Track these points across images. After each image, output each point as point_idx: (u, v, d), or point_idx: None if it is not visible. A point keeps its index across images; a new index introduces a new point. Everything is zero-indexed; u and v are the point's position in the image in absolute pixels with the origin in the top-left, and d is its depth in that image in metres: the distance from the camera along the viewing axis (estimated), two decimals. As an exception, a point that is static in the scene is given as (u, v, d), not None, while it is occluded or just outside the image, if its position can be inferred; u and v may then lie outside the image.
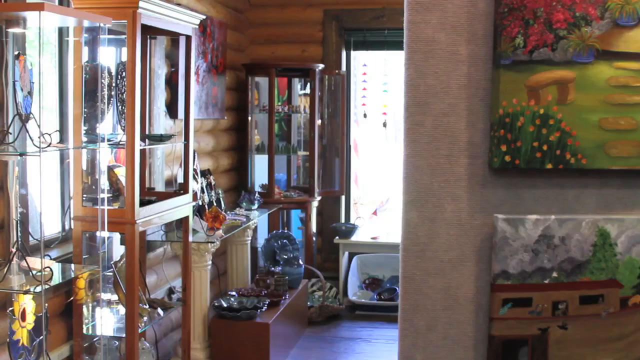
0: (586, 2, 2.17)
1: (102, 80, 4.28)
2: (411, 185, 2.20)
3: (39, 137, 3.31)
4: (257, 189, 7.10)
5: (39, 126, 3.33)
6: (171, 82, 5.63)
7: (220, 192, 6.17)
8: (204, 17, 5.08)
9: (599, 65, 2.19)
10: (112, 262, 4.45)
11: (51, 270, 3.42)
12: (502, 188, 2.22)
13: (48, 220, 4.41)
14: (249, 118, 7.10)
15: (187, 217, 4.90)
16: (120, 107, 4.30)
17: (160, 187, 5.44)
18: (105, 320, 4.41)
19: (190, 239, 4.94)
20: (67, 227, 4.44)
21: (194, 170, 5.41)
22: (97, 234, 4.05)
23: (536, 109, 2.17)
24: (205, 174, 6.05)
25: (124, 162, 4.16)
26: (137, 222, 4.13)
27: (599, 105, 2.20)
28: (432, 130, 2.19)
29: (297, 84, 7.65)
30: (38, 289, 3.30)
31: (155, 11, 4.23)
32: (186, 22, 4.71)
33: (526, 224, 2.19)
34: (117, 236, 4.71)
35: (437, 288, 2.23)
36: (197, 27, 4.83)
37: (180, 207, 4.78)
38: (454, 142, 2.20)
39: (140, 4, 4.03)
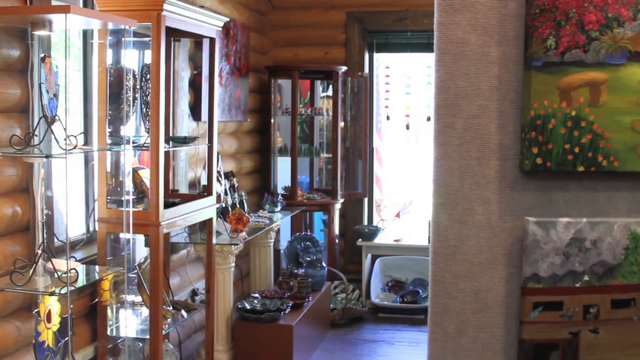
0: (618, 3, 2.15)
1: (127, 83, 4.29)
2: (441, 188, 2.18)
3: (65, 139, 3.32)
4: (280, 191, 7.10)
5: (64, 128, 3.33)
6: (194, 85, 5.63)
7: (243, 194, 6.17)
8: (228, 19, 5.07)
9: (632, 66, 2.17)
10: (136, 264, 4.45)
11: (76, 271, 3.43)
12: (532, 191, 2.20)
13: (73, 222, 4.43)
14: (272, 120, 7.09)
15: (210, 219, 4.90)
16: (144, 109, 4.30)
17: (183, 189, 5.44)
18: (129, 322, 4.42)
19: (214, 241, 4.94)
20: (91, 228, 4.45)
21: (218, 172, 5.41)
22: (122, 235, 4.06)
23: (568, 111, 2.15)
24: (228, 176, 6.05)
25: (148, 164, 4.17)
26: (162, 224, 4.13)
27: (631, 107, 2.17)
28: (463, 132, 2.18)
29: (319, 86, 7.64)
30: (63, 290, 3.31)
31: (179, 13, 4.23)
32: (210, 24, 4.72)
33: (557, 226, 2.17)
34: (140, 238, 4.71)
35: (467, 291, 2.21)
36: (220, 29, 4.83)
37: (204, 209, 4.78)
38: (485, 144, 2.18)
39: (165, 6, 4.03)
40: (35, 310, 3.37)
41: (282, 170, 7.15)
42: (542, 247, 2.17)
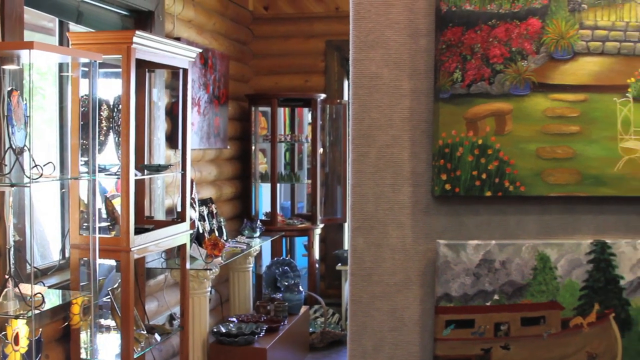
0: (522, 38, 2.29)
1: (101, 113, 4.45)
2: (357, 213, 2.31)
3: (31, 169, 3.46)
4: (262, 216, 7.23)
5: (32, 159, 3.48)
6: (172, 113, 5.78)
7: (222, 220, 6.30)
8: (200, 50, 5.23)
9: (536, 97, 2.31)
10: (109, 289, 4.58)
11: (42, 296, 3.56)
12: (445, 215, 2.33)
13: (50, 248, 4.58)
14: (253, 147, 7.24)
15: (184, 245, 5.03)
16: (117, 138, 4.45)
17: (160, 215, 5.59)
18: (104, 346, 4.55)
19: (188, 266, 5.07)
20: (66, 254, 4.59)
21: (192, 199, 5.55)
22: (99, 261, 4.19)
23: (475, 140, 2.29)
24: (207, 202, 6.19)
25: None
26: (132, 249, 4.26)
27: (536, 135, 2.31)
28: (377, 160, 2.31)
29: (307, 114, 7.80)
30: (30, 313, 3.44)
31: (150, 46, 4.38)
32: (182, 55, 4.87)
33: (467, 249, 2.30)
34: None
35: (384, 310, 2.34)
36: (193, 60, 4.98)
37: (178, 235, 4.91)
38: (398, 172, 2.31)
39: (135, 39, 4.18)
40: (3, 333, 3.50)
41: (266, 196, 7.30)
42: (453, 268, 2.30)
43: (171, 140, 5.70)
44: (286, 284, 6.55)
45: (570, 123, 2.32)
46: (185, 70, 5.02)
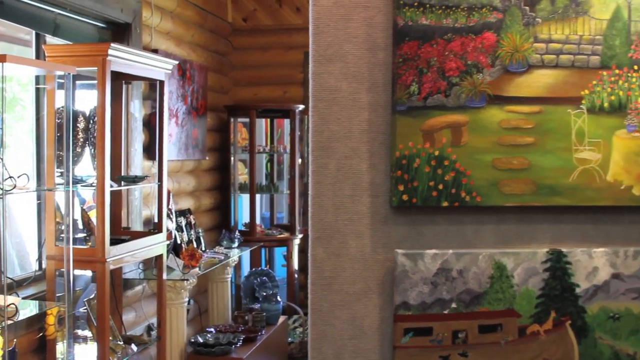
0: (477, 51, 2.34)
1: (78, 125, 4.49)
2: (317, 223, 2.36)
3: (4, 181, 3.50)
4: (241, 227, 7.27)
5: (5, 170, 3.51)
6: (149, 125, 5.82)
7: (200, 230, 6.34)
8: (176, 62, 5.28)
9: (491, 109, 2.36)
10: (85, 300, 4.61)
11: (16, 306, 3.59)
12: (403, 225, 2.38)
13: (30, 259, 4.61)
14: (232, 158, 7.28)
15: (161, 256, 5.06)
16: (93, 150, 4.49)
17: (138, 226, 5.62)
18: (80, 356, 4.57)
19: (165, 276, 5.10)
20: (43, 265, 4.62)
21: (169, 209, 5.58)
22: (77, 272, 4.22)
23: (431, 151, 2.34)
24: (185, 213, 6.22)
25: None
26: (108, 260, 4.30)
27: (491, 147, 2.36)
28: (336, 172, 2.36)
29: (287, 125, 7.83)
30: (2, 324, 3.47)
31: (125, 58, 4.42)
32: (158, 67, 4.91)
33: (425, 258, 2.35)
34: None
35: (344, 319, 2.38)
36: (169, 72, 5.02)
37: (154, 245, 4.95)
38: (357, 183, 2.36)
39: (110, 51, 4.23)
40: (-24, 343, 3.53)
41: (246, 207, 7.33)
42: (411, 277, 2.34)
43: (149, 151, 5.74)
44: (264, 294, 6.59)
45: (525, 134, 2.37)
46: (161, 82, 5.07)
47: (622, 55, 2.41)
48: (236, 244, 6.60)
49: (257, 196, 7.64)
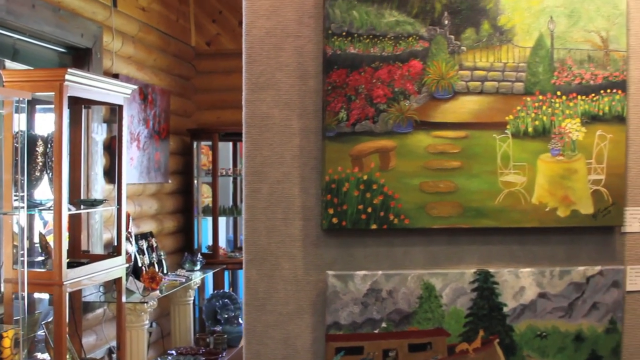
0: (404, 79, 2.43)
1: (37, 149, 4.53)
2: (250, 246, 2.43)
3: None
4: (205, 250, 7.31)
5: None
6: (110, 148, 5.86)
7: (162, 253, 6.38)
8: (135, 87, 5.33)
9: (418, 134, 2.44)
10: (43, 323, 4.64)
11: (-33, 330, 3.63)
12: (334, 247, 2.45)
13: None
14: (195, 181, 7.34)
15: (120, 279, 5.10)
16: (51, 174, 4.52)
17: (98, 249, 5.65)
18: (37, 380, 4.59)
19: (124, 299, 5.13)
20: (2, 289, 4.64)
21: (129, 233, 5.62)
22: (36, 295, 4.25)
23: (360, 175, 2.42)
24: (147, 236, 6.27)
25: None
26: (65, 283, 4.33)
27: (419, 171, 2.44)
28: (269, 196, 2.43)
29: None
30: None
31: (83, 83, 4.47)
32: (117, 92, 4.96)
33: (355, 279, 2.43)
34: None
35: (277, 339, 2.45)
36: (128, 96, 5.08)
37: (113, 268, 4.97)
38: (289, 207, 2.43)
39: (67, 76, 4.28)
40: None
41: (210, 230, 7.38)
42: (342, 297, 2.42)
43: (110, 174, 5.78)
44: (226, 316, 6.63)
45: (451, 159, 2.46)
46: (120, 107, 5.11)
47: (545, 82, 2.51)
48: (198, 267, 6.64)
49: (222, 219, 7.69)
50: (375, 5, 2.41)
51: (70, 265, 4.44)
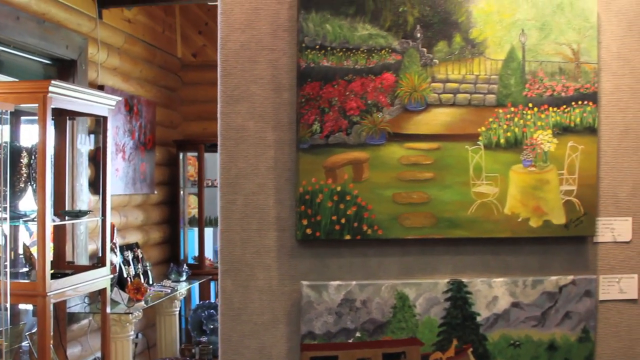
0: (377, 91, 2.46)
1: (21, 160, 4.55)
2: (226, 257, 2.46)
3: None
4: (191, 260, 7.33)
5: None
6: (96, 159, 5.88)
7: (148, 264, 6.39)
8: (119, 99, 5.36)
9: (391, 146, 2.47)
10: (27, 334, 4.65)
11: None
12: (309, 257, 2.48)
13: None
14: (181, 192, 7.36)
15: (104, 289, 5.11)
16: (34, 185, 4.55)
17: (84, 260, 5.66)
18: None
19: (109, 310, 5.15)
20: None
21: (113, 244, 5.64)
22: (2, 304, 4.25)
23: (333, 187, 2.44)
24: (132, 247, 6.28)
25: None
26: (49, 294, 4.34)
27: (392, 182, 2.47)
28: (244, 207, 2.46)
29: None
30: None
31: (67, 95, 4.50)
32: (101, 104, 4.99)
33: (329, 289, 2.45)
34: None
35: (252, 348, 2.47)
36: (113, 108, 5.10)
37: (98, 279, 4.99)
38: (264, 218, 2.46)
39: (51, 88, 4.30)
40: None
41: (197, 240, 7.40)
42: (316, 307, 2.44)
43: (95, 185, 5.79)
44: (212, 327, 6.65)
45: (424, 170, 2.49)
46: (104, 118, 5.14)
47: (517, 94, 2.54)
48: (184, 277, 6.66)
49: (209, 230, 7.71)
50: (349, 19, 2.44)
51: (55, 276, 4.46)
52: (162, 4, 6.89)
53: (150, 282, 6.31)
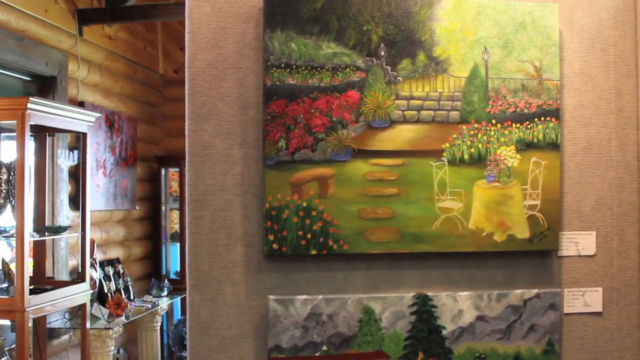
0: (342, 108, 2.51)
1: (1, 176, 4.57)
2: (193, 272, 2.49)
3: None
4: (173, 276, 7.34)
5: None
6: (76, 175, 5.90)
7: (129, 280, 6.40)
8: (99, 115, 5.38)
9: (356, 162, 2.52)
10: (6, 349, 4.66)
11: None
12: (276, 272, 2.52)
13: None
14: (163, 207, 7.39)
15: (84, 305, 5.12)
16: (13, 201, 4.57)
17: (64, 276, 5.67)
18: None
19: (88, 325, 5.16)
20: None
21: (93, 259, 5.66)
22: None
23: (299, 202, 2.48)
24: (113, 262, 6.30)
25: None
26: (27, 310, 4.35)
27: (357, 197, 2.52)
28: (211, 223, 2.49)
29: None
30: None
31: (46, 111, 4.52)
32: (80, 120, 5.01)
33: (296, 303, 2.49)
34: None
35: (220, 362, 2.51)
36: (92, 124, 5.12)
37: (77, 295, 5.00)
38: (231, 233, 2.50)
39: (29, 105, 4.32)
40: None
41: (179, 256, 7.42)
42: (283, 321, 2.48)
43: (76, 201, 5.81)
44: (193, 341, 6.65)
45: (389, 185, 2.53)
46: (84, 134, 5.16)
47: (480, 110, 2.59)
48: (165, 293, 6.67)
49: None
50: (313, 38, 2.48)
51: (33, 292, 4.47)
52: (142, 21, 6.92)
53: (132, 297, 6.32)
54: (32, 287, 4.59)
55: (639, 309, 2.75)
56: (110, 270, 6.14)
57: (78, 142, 5.86)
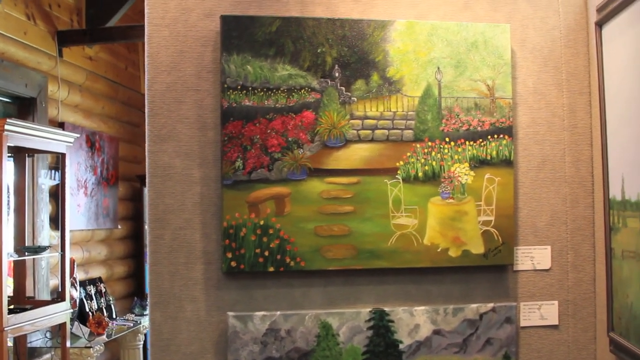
0: (298, 128, 2.58)
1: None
2: (154, 290, 2.55)
3: None
4: (156, 293, 7.38)
5: None
6: (57, 195, 5.95)
7: (111, 298, 6.45)
8: (77, 136, 5.45)
9: (312, 181, 2.58)
10: (-15, 370, 4.69)
11: None
12: (235, 289, 2.58)
13: None
14: (145, 226, 7.42)
15: (64, 324, 5.17)
16: (-8, 222, 4.61)
17: (45, 295, 5.71)
18: None
19: (68, 344, 5.20)
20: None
21: (73, 278, 5.70)
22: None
23: (257, 221, 2.55)
24: (95, 281, 6.34)
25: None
26: (5, 329, 4.40)
27: (313, 215, 2.58)
28: (171, 241, 2.56)
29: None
30: None
31: (24, 132, 4.58)
32: (59, 141, 5.07)
33: (254, 319, 2.55)
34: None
35: (181, 378, 2.56)
36: (71, 145, 5.18)
37: (57, 314, 5.05)
38: (191, 251, 2.56)
39: (6, 126, 4.38)
40: None
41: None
42: (242, 337, 2.53)
43: (57, 221, 5.85)
44: (175, 359, 6.69)
45: (345, 203, 2.60)
46: (63, 155, 5.22)
47: (434, 129, 2.66)
48: (148, 311, 6.71)
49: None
50: (269, 60, 2.55)
51: (13, 311, 4.52)
52: (122, 42, 6.99)
53: (114, 315, 6.37)
54: (11, 306, 4.64)
55: (595, 321, 2.81)
56: (91, 290, 6.18)
57: (59, 162, 5.92)
